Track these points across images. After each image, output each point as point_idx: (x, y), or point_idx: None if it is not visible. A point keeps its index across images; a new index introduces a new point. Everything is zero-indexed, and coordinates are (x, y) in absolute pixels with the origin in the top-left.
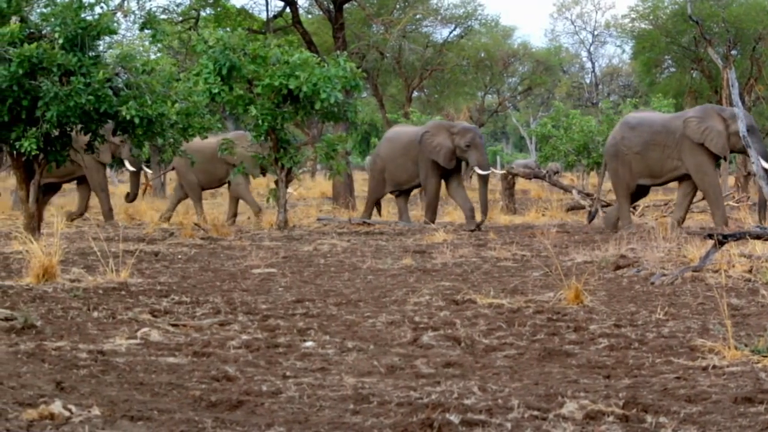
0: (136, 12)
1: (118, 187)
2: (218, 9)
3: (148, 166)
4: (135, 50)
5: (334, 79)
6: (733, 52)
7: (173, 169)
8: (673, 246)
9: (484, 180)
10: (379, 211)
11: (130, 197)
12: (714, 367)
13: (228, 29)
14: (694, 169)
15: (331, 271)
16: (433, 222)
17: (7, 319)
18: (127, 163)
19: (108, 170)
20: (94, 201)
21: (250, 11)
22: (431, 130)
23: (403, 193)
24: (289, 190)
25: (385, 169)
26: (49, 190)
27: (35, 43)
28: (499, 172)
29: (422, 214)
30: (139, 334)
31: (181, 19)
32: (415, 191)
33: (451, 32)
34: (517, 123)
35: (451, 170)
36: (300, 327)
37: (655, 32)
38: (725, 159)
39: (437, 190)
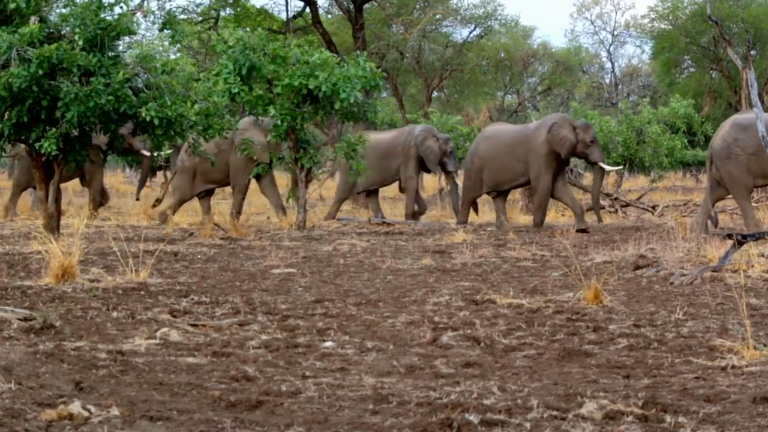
0: (156, 12)
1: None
2: (238, 9)
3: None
4: (155, 50)
5: (354, 79)
6: (753, 52)
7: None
8: (692, 246)
9: (601, 175)
10: (476, 210)
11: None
12: (733, 367)
13: (248, 29)
14: None
15: (350, 271)
16: (542, 224)
17: (26, 319)
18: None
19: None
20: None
21: (270, 11)
22: (558, 122)
23: (501, 194)
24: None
25: (484, 169)
26: (208, 194)
27: (55, 44)
28: (616, 168)
29: (442, 214)
30: (158, 334)
31: (200, 19)
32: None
33: (470, 32)
34: None
35: (558, 169)
36: (319, 327)
37: (674, 32)
38: None
39: (550, 188)
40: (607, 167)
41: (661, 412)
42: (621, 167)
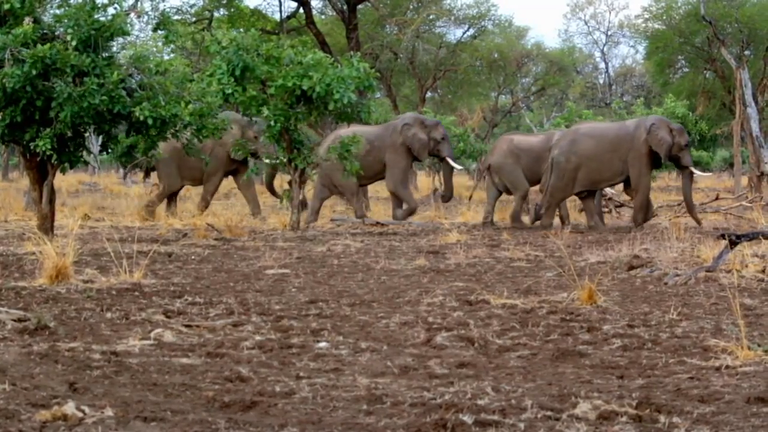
0: (150, 13)
1: (132, 188)
2: (232, 10)
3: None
4: (148, 51)
5: (348, 80)
6: (747, 52)
7: (488, 167)
8: (686, 246)
9: (691, 180)
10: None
11: (446, 198)
12: (727, 367)
13: (241, 30)
14: None
15: (344, 272)
16: (645, 223)
17: (20, 320)
18: (449, 161)
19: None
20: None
21: (264, 12)
22: (657, 123)
23: (590, 194)
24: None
25: (581, 167)
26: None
27: (48, 44)
28: (706, 174)
29: (436, 215)
30: (152, 334)
31: (194, 19)
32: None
33: (464, 33)
34: (530, 123)
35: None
36: (313, 328)
37: (668, 32)
38: None
39: (650, 187)
40: (697, 172)
41: (655, 412)
42: (711, 173)
